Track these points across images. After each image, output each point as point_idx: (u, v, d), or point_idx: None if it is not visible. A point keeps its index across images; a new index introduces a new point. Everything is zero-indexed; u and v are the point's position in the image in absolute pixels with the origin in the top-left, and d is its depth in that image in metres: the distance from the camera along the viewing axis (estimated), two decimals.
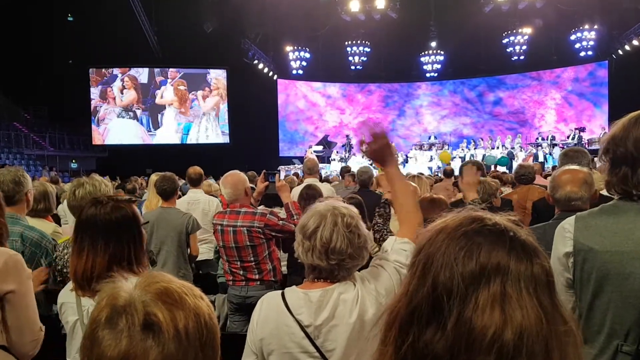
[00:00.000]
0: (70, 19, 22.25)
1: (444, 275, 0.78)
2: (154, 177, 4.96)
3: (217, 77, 24.94)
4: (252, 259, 3.39)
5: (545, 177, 6.84)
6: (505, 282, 0.76)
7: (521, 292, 0.75)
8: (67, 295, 1.92)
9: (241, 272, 3.43)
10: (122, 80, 23.98)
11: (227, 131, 25.05)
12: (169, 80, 24.31)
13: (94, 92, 23.75)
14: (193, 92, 24.61)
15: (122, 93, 23.92)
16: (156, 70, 24.23)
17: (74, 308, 1.87)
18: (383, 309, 1.63)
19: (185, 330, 0.82)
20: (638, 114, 1.58)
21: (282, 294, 1.68)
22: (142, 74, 24.22)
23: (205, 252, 4.91)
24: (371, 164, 7.92)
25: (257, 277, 3.42)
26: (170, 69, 24.26)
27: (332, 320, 1.61)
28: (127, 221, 1.87)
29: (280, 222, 3.40)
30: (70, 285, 1.92)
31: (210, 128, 24.87)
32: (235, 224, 3.37)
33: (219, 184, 4.39)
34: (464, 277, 0.77)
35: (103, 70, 23.79)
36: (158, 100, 24.27)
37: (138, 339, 0.79)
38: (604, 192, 1.91)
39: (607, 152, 1.61)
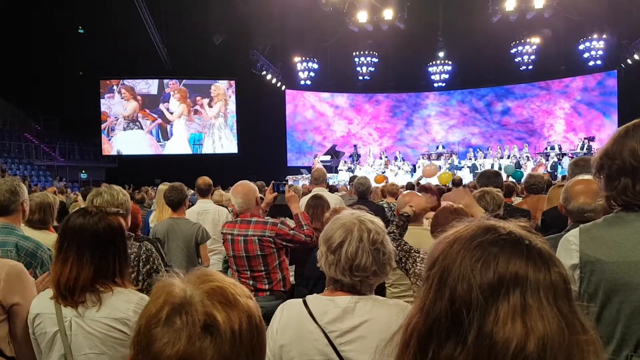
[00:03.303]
0: (80, 31, 22.55)
1: (461, 287, 0.77)
2: (162, 187, 4.93)
3: (217, 85, 25.04)
4: (262, 268, 3.38)
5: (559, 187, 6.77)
6: (525, 293, 0.74)
7: (541, 301, 0.74)
8: (43, 305, 1.86)
9: (251, 282, 3.41)
10: (120, 92, 24.06)
11: (236, 141, 25.18)
12: (172, 93, 24.43)
13: (104, 103, 23.98)
14: (196, 102, 24.75)
15: (123, 106, 24.10)
16: (165, 81, 24.43)
17: (53, 319, 1.82)
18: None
19: (239, 331, 0.83)
20: (626, 127, 1.60)
21: (304, 301, 1.66)
22: (151, 86, 24.44)
23: (215, 262, 4.86)
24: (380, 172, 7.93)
25: (267, 287, 3.40)
26: (179, 81, 24.45)
27: (360, 330, 1.56)
28: (114, 234, 1.87)
29: (291, 231, 3.39)
30: (46, 294, 1.88)
31: (223, 137, 24.98)
32: (247, 234, 3.36)
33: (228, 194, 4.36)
34: (482, 289, 0.75)
35: (113, 81, 24.02)
36: (171, 117, 24.44)
37: (196, 339, 0.80)
38: None
39: (602, 168, 1.62)
